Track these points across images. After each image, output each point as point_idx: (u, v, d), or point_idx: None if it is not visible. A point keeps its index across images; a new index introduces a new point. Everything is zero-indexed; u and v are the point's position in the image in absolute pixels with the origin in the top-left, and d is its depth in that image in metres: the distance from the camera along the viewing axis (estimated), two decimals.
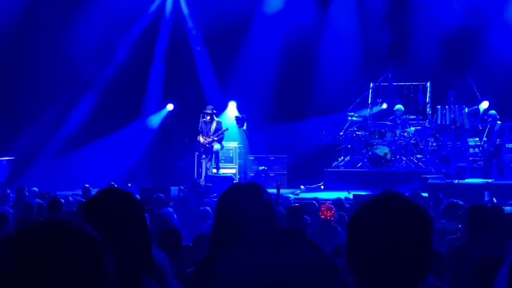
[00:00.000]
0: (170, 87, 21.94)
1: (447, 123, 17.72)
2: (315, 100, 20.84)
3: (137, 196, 14.74)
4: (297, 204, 9.85)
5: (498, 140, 17.15)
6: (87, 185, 14.78)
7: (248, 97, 20.89)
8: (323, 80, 20.75)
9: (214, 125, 18.75)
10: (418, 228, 2.13)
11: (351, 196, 14.73)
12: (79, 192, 15.27)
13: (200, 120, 18.74)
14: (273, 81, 21.23)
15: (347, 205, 12.10)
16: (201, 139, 18.70)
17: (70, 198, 13.21)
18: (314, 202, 11.89)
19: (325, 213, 9.67)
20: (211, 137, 18.71)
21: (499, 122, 17.37)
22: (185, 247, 7.00)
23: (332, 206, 10.14)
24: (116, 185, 13.37)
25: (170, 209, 10.18)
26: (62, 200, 11.95)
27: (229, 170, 19.73)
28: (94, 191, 13.49)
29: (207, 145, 18.74)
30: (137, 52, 21.43)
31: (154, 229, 7.44)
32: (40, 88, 20.37)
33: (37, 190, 14.42)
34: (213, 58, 21.79)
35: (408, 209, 2.16)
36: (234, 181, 18.25)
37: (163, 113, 22.06)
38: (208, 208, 11.33)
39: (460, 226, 8.64)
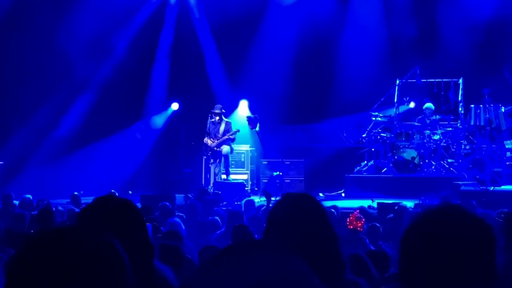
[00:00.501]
0: (175, 84, 21.96)
1: (482, 124, 17.74)
2: (335, 99, 20.87)
3: (138, 204, 14.80)
4: None
5: None
6: (76, 193, 14.89)
7: (261, 96, 20.91)
8: (344, 77, 20.83)
9: (223, 126, 18.73)
10: (483, 247, 2.07)
11: (375, 204, 14.74)
12: (68, 200, 15.43)
13: (208, 121, 18.71)
14: (289, 78, 21.29)
15: (373, 214, 11.95)
16: (208, 141, 18.69)
17: (60, 207, 13.26)
18: (333, 210, 11.79)
19: (354, 223, 9.62)
20: (220, 139, 18.67)
21: None
22: (188, 260, 6.96)
23: (362, 216, 10.01)
24: (116, 193, 13.42)
25: (177, 219, 10.33)
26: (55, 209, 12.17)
27: (240, 176, 19.75)
28: (89, 199, 13.31)
29: (216, 148, 18.73)
30: (138, 46, 21.49)
31: (157, 242, 7.44)
32: (32, 86, 20.41)
33: (31, 197, 14.45)
34: (223, 52, 21.84)
35: (471, 223, 2.10)
36: (246, 188, 18.07)
37: (167, 113, 22.09)
38: (217, 217, 11.44)
39: None
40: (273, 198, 12.69)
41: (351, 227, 9.59)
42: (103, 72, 21.31)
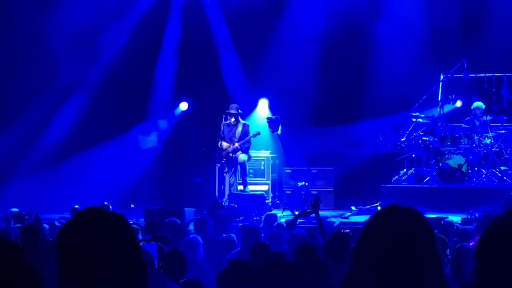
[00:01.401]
0: (183, 81, 22.04)
1: None
2: (369, 97, 20.89)
3: (142, 220, 14.62)
4: (346, 230, 9.76)
5: None
6: (76, 206, 14.86)
7: (283, 94, 20.98)
8: (379, 72, 20.91)
9: (240, 129, 18.73)
10: (421, 238, 2.88)
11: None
12: (68, 215, 15.42)
13: (222, 123, 18.69)
14: (316, 74, 21.35)
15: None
16: (224, 144, 18.70)
17: (57, 223, 13.33)
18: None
19: None
20: (236, 144, 18.65)
21: None
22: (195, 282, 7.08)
23: None
24: (110, 206, 13.84)
25: (198, 237, 10.14)
26: (46, 226, 12.43)
27: (259, 186, 19.81)
28: None
29: (231, 155, 18.70)
30: (141, 39, 21.57)
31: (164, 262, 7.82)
32: (16, 87, 20.64)
33: (17, 211, 14.63)
34: (239, 44, 21.95)
35: (409, 218, 2.97)
36: (267, 201, 17.92)
37: (175, 114, 22.22)
38: (233, 235, 11.42)
39: None
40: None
41: None
42: (97, 70, 21.57)
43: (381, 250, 2.99)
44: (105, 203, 15.57)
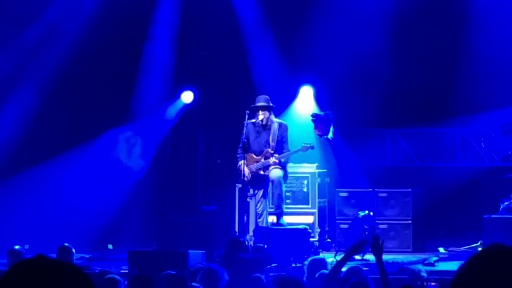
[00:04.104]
0: (186, 63, 22.43)
1: None
2: (461, 89, 21.27)
3: (125, 268, 14.78)
4: (432, 284, 10.60)
5: None
6: (17, 247, 15.55)
7: (336, 80, 21.21)
8: (475, 56, 21.23)
9: (275, 132, 18.90)
10: None
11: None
12: (5, 260, 15.92)
13: (245, 122, 18.72)
14: (383, 54, 21.69)
15: None
16: (245, 168, 18.72)
17: None
18: None
19: None
20: (271, 158, 18.62)
21: None
22: None
23: None
24: (73, 249, 14.65)
25: None
26: None
27: (301, 217, 19.95)
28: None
29: (260, 171, 18.78)
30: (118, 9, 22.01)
31: None
32: None
33: None
34: (271, 10, 22.22)
35: None
36: (312, 239, 17.79)
37: (175, 109, 22.57)
38: None
39: None
40: (358, 257, 12.42)
41: None
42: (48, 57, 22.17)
43: None
44: (66, 244, 15.62)
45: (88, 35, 22.14)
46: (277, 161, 18.59)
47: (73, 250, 15.14)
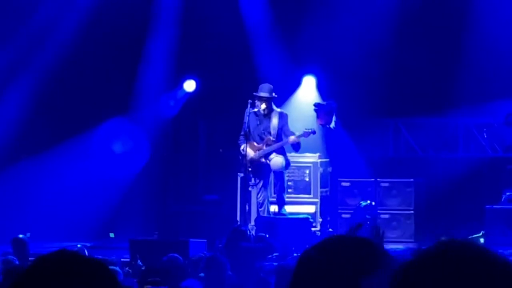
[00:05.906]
0: (189, 50, 22.45)
1: None
2: (464, 79, 21.36)
3: (127, 257, 14.87)
4: None
5: None
6: (21, 236, 15.62)
7: (339, 69, 21.34)
8: (478, 46, 21.45)
9: (275, 121, 18.98)
10: None
11: None
12: (9, 248, 15.75)
13: (247, 112, 18.83)
14: (385, 45, 21.73)
15: None
16: (249, 151, 18.80)
17: None
18: None
19: None
20: (272, 142, 18.83)
21: None
22: None
23: None
24: (85, 250, 14.17)
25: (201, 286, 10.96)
26: None
27: (302, 207, 20.06)
28: (42, 246, 15.77)
29: (262, 160, 18.80)
30: None
31: None
32: None
33: None
34: (275, 1, 22.57)
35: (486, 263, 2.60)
36: (314, 228, 19.30)
37: (177, 98, 22.76)
38: (263, 280, 12.04)
39: None
40: None
41: None
42: (59, 38, 22.32)
43: None
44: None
45: (90, 24, 22.21)
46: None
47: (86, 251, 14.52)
